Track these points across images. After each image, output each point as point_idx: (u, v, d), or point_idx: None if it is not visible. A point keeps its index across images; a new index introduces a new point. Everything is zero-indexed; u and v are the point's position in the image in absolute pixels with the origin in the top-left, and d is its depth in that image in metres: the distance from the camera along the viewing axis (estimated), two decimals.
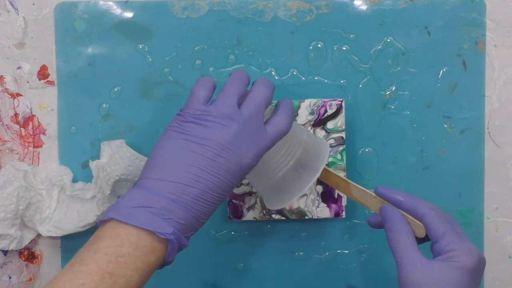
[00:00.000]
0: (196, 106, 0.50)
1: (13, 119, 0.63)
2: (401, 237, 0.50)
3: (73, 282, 0.43)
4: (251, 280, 0.65)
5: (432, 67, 0.64)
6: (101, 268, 0.44)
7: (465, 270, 0.47)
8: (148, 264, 0.46)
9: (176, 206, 0.46)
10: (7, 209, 0.60)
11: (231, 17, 0.63)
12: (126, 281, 0.44)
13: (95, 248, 0.45)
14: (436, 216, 0.50)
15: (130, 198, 0.47)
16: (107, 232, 0.46)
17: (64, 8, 0.63)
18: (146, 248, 0.45)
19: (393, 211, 0.52)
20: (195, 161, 0.48)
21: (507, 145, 0.64)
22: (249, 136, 0.49)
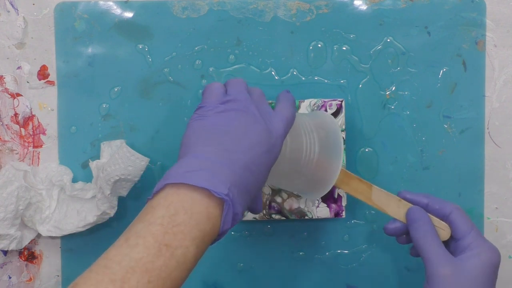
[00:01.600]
0: (216, 97, 0.51)
1: (13, 119, 0.63)
2: (429, 237, 0.53)
3: (130, 256, 0.41)
4: (251, 280, 0.65)
5: (432, 67, 0.64)
6: (158, 240, 0.42)
7: (491, 265, 0.51)
8: (204, 234, 0.44)
9: (228, 170, 0.45)
10: (7, 209, 0.60)
11: (231, 17, 0.63)
12: (184, 253, 0.43)
13: (150, 219, 0.43)
14: (462, 215, 0.54)
15: (180, 166, 0.46)
16: (161, 201, 0.44)
17: (64, 8, 0.63)
18: (201, 215, 0.44)
19: (421, 212, 0.54)
20: (236, 128, 0.48)
21: (507, 145, 0.64)
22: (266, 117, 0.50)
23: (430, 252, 0.52)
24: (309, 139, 0.55)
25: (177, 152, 0.63)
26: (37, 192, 0.61)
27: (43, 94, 0.63)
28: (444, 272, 0.50)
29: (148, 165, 0.59)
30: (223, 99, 0.51)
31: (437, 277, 0.51)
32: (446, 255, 0.52)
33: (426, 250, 0.52)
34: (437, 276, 0.51)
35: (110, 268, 0.41)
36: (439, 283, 0.51)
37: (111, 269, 0.41)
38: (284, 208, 0.62)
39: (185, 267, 0.43)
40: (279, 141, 0.50)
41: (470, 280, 0.50)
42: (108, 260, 0.41)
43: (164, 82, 0.63)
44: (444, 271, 0.51)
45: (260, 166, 0.48)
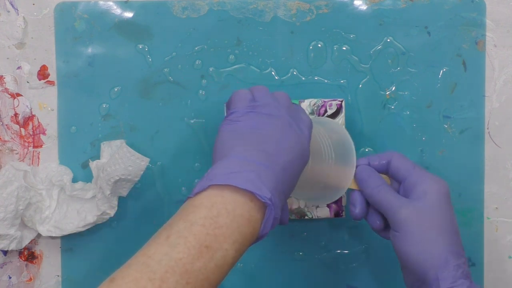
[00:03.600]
0: (246, 102, 0.51)
1: (13, 119, 0.63)
2: (381, 189, 0.53)
3: (170, 256, 0.41)
4: (251, 280, 0.65)
5: (432, 67, 0.64)
6: (199, 242, 0.42)
7: (441, 195, 0.52)
8: (244, 237, 0.44)
9: (269, 173, 0.45)
10: (7, 209, 0.59)
11: (231, 17, 0.63)
12: (223, 256, 0.42)
13: (192, 219, 0.43)
14: (401, 158, 0.55)
15: (223, 166, 0.45)
16: (204, 201, 0.44)
17: (64, 8, 0.63)
18: (243, 218, 0.44)
19: (367, 169, 0.55)
20: (271, 131, 0.48)
21: (507, 145, 0.64)
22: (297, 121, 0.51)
23: (387, 201, 0.52)
24: (326, 147, 0.55)
25: (177, 152, 0.63)
26: (37, 192, 0.61)
27: (43, 94, 0.63)
28: (406, 212, 0.51)
29: (148, 165, 0.59)
30: (252, 104, 0.51)
31: (401, 221, 0.51)
32: (401, 199, 0.52)
33: (383, 201, 0.53)
34: (400, 220, 0.51)
35: (150, 266, 0.40)
36: (402, 225, 0.51)
37: (151, 267, 0.40)
38: None
39: (223, 270, 0.43)
40: (308, 145, 0.50)
41: (432, 212, 0.51)
42: (148, 257, 0.41)
43: (164, 82, 0.63)
44: (406, 212, 0.51)
45: (295, 169, 0.48)
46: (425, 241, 0.50)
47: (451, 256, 0.50)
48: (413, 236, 0.51)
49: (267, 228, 0.45)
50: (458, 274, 0.49)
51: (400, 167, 0.54)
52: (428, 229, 0.51)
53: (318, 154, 0.55)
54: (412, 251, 0.51)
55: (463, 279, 0.49)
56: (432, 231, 0.51)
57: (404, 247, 0.51)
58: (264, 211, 0.45)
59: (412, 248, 0.51)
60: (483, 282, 0.65)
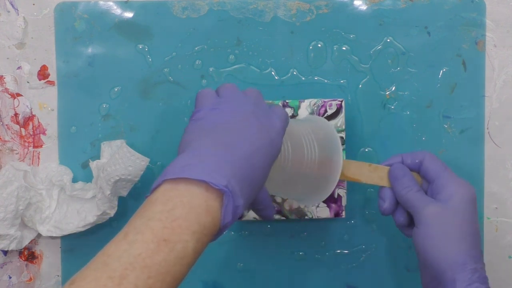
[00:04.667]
0: (210, 100, 0.51)
1: (13, 119, 0.63)
2: (413, 188, 0.55)
3: (129, 253, 0.41)
4: (251, 280, 0.65)
5: (432, 67, 0.64)
6: (157, 236, 0.41)
7: (467, 199, 0.53)
8: (204, 227, 0.43)
9: (226, 162, 0.45)
10: (7, 209, 0.60)
11: (231, 17, 0.63)
12: (183, 248, 0.42)
13: (148, 215, 0.43)
14: (433, 158, 0.56)
15: (178, 161, 0.45)
16: (159, 197, 0.44)
17: (64, 8, 0.63)
18: (201, 208, 0.43)
19: (403, 168, 0.56)
20: (234, 123, 0.48)
21: (507, 145, 0.64)
22: (264, 114, 0.50)
23: (416, 199, 0.54)
24: (308, 140, 0.55)
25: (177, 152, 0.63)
26: (37, 192, 0.61)
27: (43, 94, 0.63)
28: (433, 210, 0.52)
29: (148, 165, 0.59)
30: (217, 101, 0.50)
31: (425, 218, 0.52)
32: (429, 199, 0.54)
33: (411, 199, 0.54)
34: (427, 215, 0.52)
35: (109, 264, 0.40)
36: (427, 223, 0.52)
37: (110, 265, 0.40)
38: (284, 208, 0.62)
39: (185, 262, 0.43)
40: (279, 137, 0.50)
41: (456, 215, 0.52)
42: (107, 256, 0.41)
43: (164, 82, 0.63)
44: (432, 209, 0.52)
45: (261, 159, 0.47)
46: (446, 240, 0.52)
47: (469, 259, 0.51)
48: (435, 234, 0.52)
49: (227, 217, 0.45)
50: (474, 278, 0.50)
51: (431, 168, 0.55)
52: (450, 229, 0.52)
53: (299, 150, 0.54)
54: (433, 248, 0.52)
55: (478, 283, 0.50)
56: (453, 232, 0.52)
57: (425, 243, 0.52)
58: (222, 200, 0.44)
59: (433, 246, 0.52)
60: None
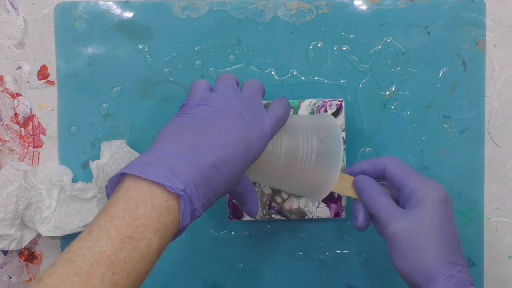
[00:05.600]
0: (200, 94, 0.51)
1: (13, 119, 0.63)
2: (378, 199, 0.53)
3: (94, 250, 0.42)
4: (251, 280, 0.65)
5: (432, 67, 0.64)
6: (121, 233, 0.43)
7: (439, 202, 0.51)
8: (166, 226, 0.44)
9: (188, 166, 0.46)
10: (6, 209, 0.60)
11: (231, 17, 0.63)
12: (147, 245, 0.43)
13: (112, 213, 0.44)
14: (397, 164, 0.55)
15: (141, 158, 0.46)
16: (122, 195, 0.45)
17: (64, 8, 0.63)
18: (162, 208, 0.44)
19: (366, 179, 0.55)
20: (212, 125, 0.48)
21: (507, 145, 0.64)
22: (253, 114, 0.50)
23: (381, 213, 0.52)
24: (307, 143, 0.54)
25: None
26: (37, 192, 0.61)
27: (43, 94, 0.63)
28: (397, 228, 0.51)
29: None
30: (206, 96, 0.51)
31: (392, 235, 0.51)
32: (397, 211, 0.52)
33: (377, 212, 0.53)
34: (390, 235, 0.51)
35: (75, 261, 0.41)
36: (393, 241, 0.51)
37: (76, 262, 0.41)
38: (284, 208, 0.62)
39: (149, 259, 0.44)
40: (261, 141, 0.50)
41: (424, 224, 0.51)
42: (72, 254, 0.42)
43: (164, 82, 0.63)
44: (396, 227, 0.51)
45: (232, 165, 0.48)
46: (415, 256, 0.50)
47: (442, 268, 0.50)
48: (403, 252, 0.51)
49: (186, 219, 0.46)
50: (451, 285, 0.49)
51: (396, 174, 0.54)
52: (418, 243, 0.50)
53: (294, 153, 0.54)
54: (402, 265, 0.51)
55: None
56: (422, 244, 0.50)
57: (397, 261, 0.51)
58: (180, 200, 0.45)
59: (402, 263, 0.51)
60: (483, 282, 0.65)
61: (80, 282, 0.40)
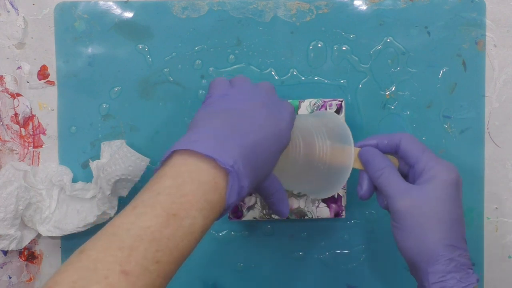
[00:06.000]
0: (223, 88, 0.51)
1: (13, 119, 0.63)
2: (386, 172, 0.52)
3: (137, 225, 0.41)
4: (251, 280, 0.65)
5: (432, 67, 0.64)
6: (165, 210, 0.42)
7: (449, 183, 0.51)
8: (211, 204, 0.44)
9: (235, 144, 0.45)
10: (6, 209, 0.60)
11: (231, 17, 0.63)
12: (191, 223, 0.42)
13: (157, 189, 0.43)
14: (412, 140, 0.54)
15: (187, 136, 0.45)
16: (168, 171, 0.44)
17: (64, 8, 0.63)
18: (208, 185, 0.43)
19: (372, 151, 0.54)
20: (243, 110, 0.48)
21: (507, 145, 0.64)
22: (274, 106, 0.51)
23: (388, 187, 0.52)
24: (320, 133, 0.55)
25: None
26: (37, 192, 0.61)
27: (43, 94, 0.63)
28: (404, 204, 0.50)
29: (148, 165, 0.59)
30: (228, 89, 0.51)
31: (398, 211, 0.50)
32: (405, 187, 0.51)
33: (383, 186, 0.52)
34: (398, 210, 0.50)
35: (118, 235, 0.40)
36: (398, 217, 0.51)
37: (119, 236, 0.40)
38: None
39: (192, 238, 0.43)
40: (287, 130, 0.50)
41: (431, 204, 0.50)
42: (116, 227, 0.41)
43: (164, 82, 0.63)
44: (403, 203, 0.50)
45: (268, 148, 0.48)
46: (418, 235, 0.50)
47: (443, 250, 0.49)
48: (407, 229, 0.50)
49: (233, 197, 0.45)
50: (449, 268, 0.49)
51: (409, 150, 0.53)
52: (422, 222, 0.50)
53: (311, 147, 0.54)
54: (405, 243, 0.51)
55: (454, 273, 0.49)
56: (427, 223, 0.50)
57: (399, 237, 0.51)
58: (228, 179, 0.45)
59: (405, 240, 0.50)
60: (483, 282, 0.65)
61: (123, 256, 0.39)
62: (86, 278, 0.38)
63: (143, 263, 0.39)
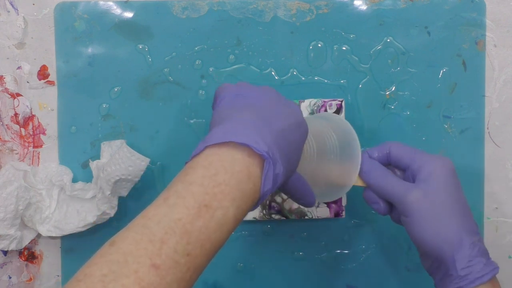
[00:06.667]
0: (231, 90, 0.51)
1: (13, 119, 0.63)
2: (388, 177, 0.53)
3: (169, 217, 0.40)
4: (251, 280, 0.65)
5: (432, 67, 0.64)
6: (198, 201, 0.41)
7: (447, 172, 0.52)
8: (244, 194, 0.43)
9: (266, 131, 0.45)
10: (6, 209, 0.60)
11: (231, 17, 0.63)
12: (224, 214, 0.42)
13: (190, 179, 0.42)
14: (400, 146, 0.55)
15: (219, 129, 0.45)
16: (201, 161, 0.43)
17: (64, 8, 0.63)
18: (242, 174, 0.43)
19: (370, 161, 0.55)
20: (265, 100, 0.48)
21: (507, 145, 0.64)
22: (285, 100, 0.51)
23: (393, 187, 0.52)
24: (327, 132, 0.55)
25: (177, 152, 0.63)
26: (37, 192, 0.61)
27: (43, 94, 0.63)
28: (414, 196, 0.51)
29: (148, 165, 0.59)
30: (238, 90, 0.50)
31: (410, 203, 0.51)
32: (407, 184, 0.52)
33: (390, 189, 0.52)
34: (410, 203, 0.51)
35: (149, 227, 0.40)
36: (415, 208, 0.51)
37: (150, 228, 0.40)
38: (284, 208, 0.62)
39: (225, 229, 0.42)
40: (304, 121, 0.50)
41: (441, 193, 0.51)
42: (147, 219, 0.40)
43: (164, 82, 0.63)
44: (413, 195, 0.51)
45: (294, 136, 0.47)
46: (437, 223, 0.50)
47: (465, 235, 0.50)
48: (424, 220, 0.50)
49: (268, 184, 0.44)
50: (474, 253, 0.49)
51: (401, 154, 0.54)
52: (438, 210, 0.50)
53: (323, 148, 0.54)
54: (425, 235, 0.50)
55: (479, 257, 0.49)
56: (442, 211, 0.50)
57: (417, 231, 0.51)
58: (263, 167, 0.44)
59: (425, 232, 0.50)
60: None
61: (154, 249, 0.39)
62: (116, 271, 0.37)
63: (173, 256, 0.39)
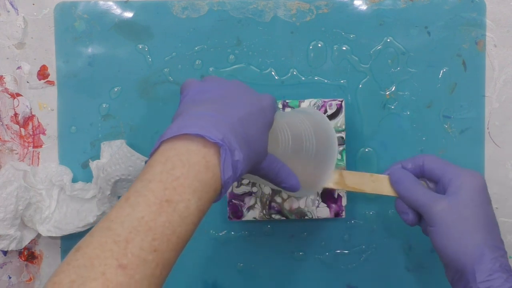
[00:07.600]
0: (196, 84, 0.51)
1: (13, 119, 0.63)
2: (417, 187, 0.54)
3: (132, 216, 0.40)
4: (251, 280, 0.65)
5: (432, 67, 0.64)
6: (158, 197, 0.41)
7: (478, 187, 0.53)
8: (204, 184, 0.43)
9: (222, 121, 0.45)
10: (6, 209, 0.60)
11: (231, 17, 0.63)
12: (186, 206, 0.42)
13: (149, 177, 0.42)
14: (433, 158, 0.55)
15: (174, 124, 0.45)
16: (158, 158, 0.43)
17: (64, 8, 0.63)
18: (200, 165, 0.43)
19: (401, 171, 0.56)
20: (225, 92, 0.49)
21: (507, 145, 0.64)
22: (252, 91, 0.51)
23: (423, 197, 0.53)
24: (306, 130, 0.55)
25: None
26: (36, 192, 0.61)
27: (43, 94, 0.63)
28: (441, 206, 0.52)
29: None
30: (202, 84, 0.51)
31: (436, 213, 0.52)
32: (436, 195, 0.53)
33: (418, 197, 0.53)
34: (436, 213, 0.52)
35: (113, 229, 0.40)
36: (440, 218, 0.52)
37: (114, 230, 0.40)
38: (284, 208, 0.62)
39: (189, 221, 0.42)
40: (271, 108, 0.50)
41: (468, 207, 0.52)
42: (110, 221, 0.41)
43: (164, 82, 0.63)
44: (440, 206, 0.52)
45: (255, 123, 0.47)
46: (461, 235, 0.51)
47: (487, 249, 0.50)
48: (448, 231, 0.51)
49: (228, 171, 0.44)
50: (495, 267, 0.50)
51: (434, 167, 0.55)
52: (463, 222, 0.51)
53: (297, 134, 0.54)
54: (449, 245, 0.51)
55: (500, 272, 0.50)
56: (467, 224, 0.51)
57: (440, 241, 0.51)
58: (220, 155, 0.44)
59: (448, 243, 0.51)
60: None
61: (119, 250, 0.39)
62: (84, 276, 0.38)
63: (140, 254, 0.39)
